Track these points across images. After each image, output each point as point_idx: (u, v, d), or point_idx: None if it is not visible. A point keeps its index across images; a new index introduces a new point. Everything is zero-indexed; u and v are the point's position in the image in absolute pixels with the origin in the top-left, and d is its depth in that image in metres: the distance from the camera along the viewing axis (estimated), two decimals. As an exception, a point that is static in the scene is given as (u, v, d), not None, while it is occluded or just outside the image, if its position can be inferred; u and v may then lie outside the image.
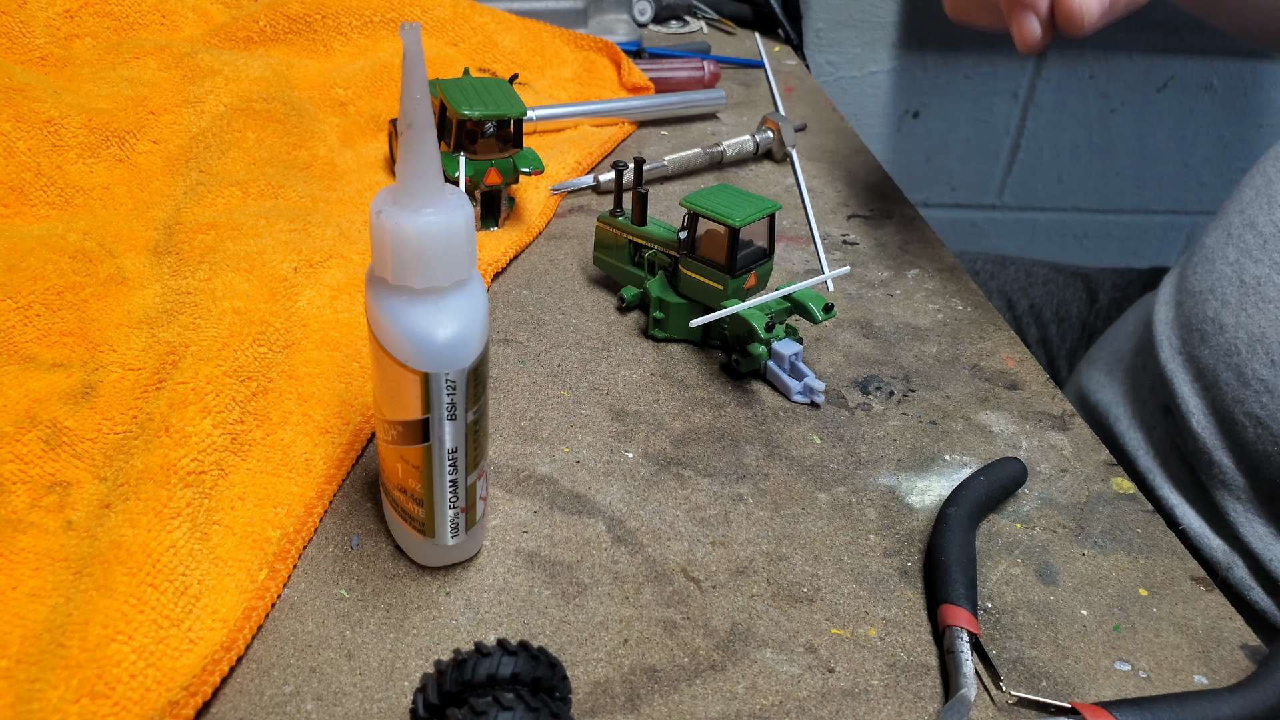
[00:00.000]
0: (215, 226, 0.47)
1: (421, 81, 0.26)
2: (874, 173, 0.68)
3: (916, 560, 0.36)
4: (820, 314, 0.43)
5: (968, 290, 0.54)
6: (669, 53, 0.83)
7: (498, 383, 0.44)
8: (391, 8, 0.72)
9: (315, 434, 0.38)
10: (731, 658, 0.32)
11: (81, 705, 0.27)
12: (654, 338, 0.48)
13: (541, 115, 0.67)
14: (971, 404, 0.45)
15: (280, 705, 0.29)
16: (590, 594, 0.34)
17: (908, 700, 0.31)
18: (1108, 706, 0.30)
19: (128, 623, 0.29)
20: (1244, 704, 0.30)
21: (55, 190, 0.50)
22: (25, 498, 0.34)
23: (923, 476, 0.40)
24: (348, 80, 0.66)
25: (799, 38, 0.95)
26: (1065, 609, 0.35)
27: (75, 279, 0.43)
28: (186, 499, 0.33)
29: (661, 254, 0.48)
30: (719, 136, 0.71)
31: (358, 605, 0.33)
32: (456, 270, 0.29)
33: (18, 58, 0.59)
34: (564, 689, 0.28)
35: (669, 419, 0.43)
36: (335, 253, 0.48)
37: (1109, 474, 0.41)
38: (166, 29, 0.69)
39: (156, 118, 0.56)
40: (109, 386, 0.39)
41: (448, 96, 0.52)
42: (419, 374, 0.29)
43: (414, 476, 0.31)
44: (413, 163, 0.27)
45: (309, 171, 0.56)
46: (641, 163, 0.52)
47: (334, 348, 0.42)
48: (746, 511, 0.38)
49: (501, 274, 0.53)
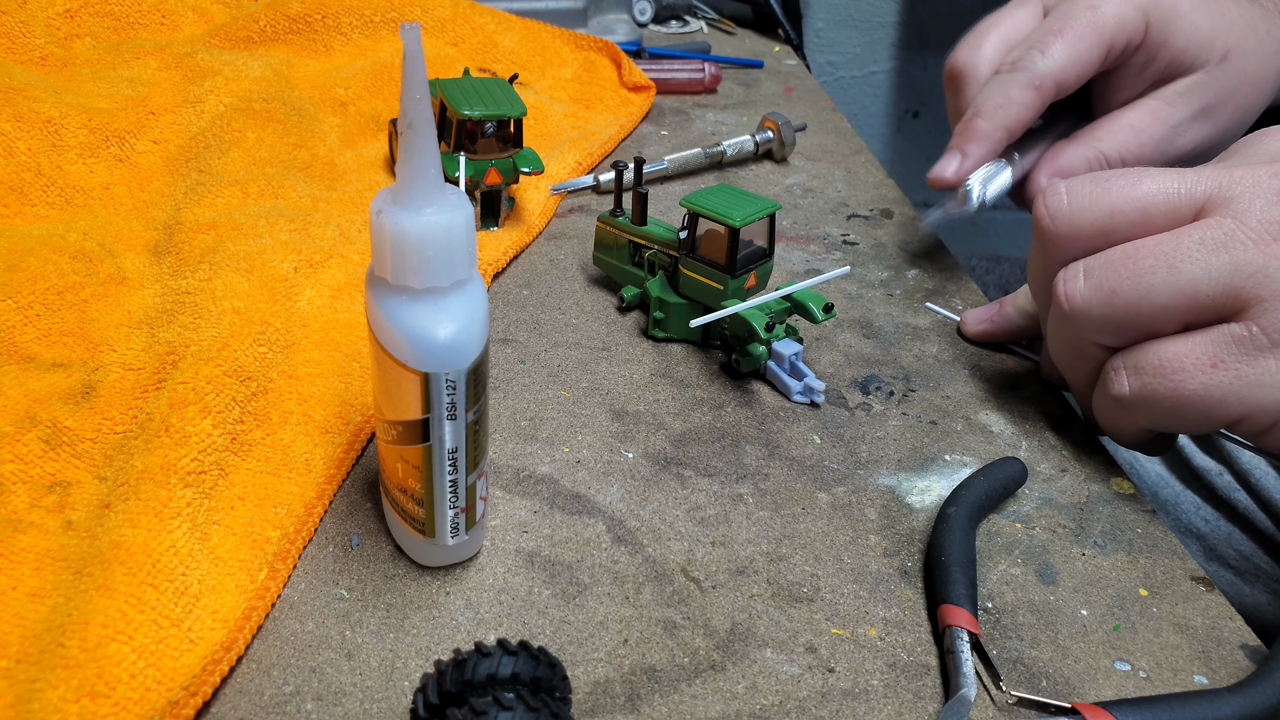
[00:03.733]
0: (215, 226, 0.47)
1: (421, 81, 0.26)
2: (874, 173, 0.68)
3: (916, 560, 0.36)
4: (820, 314, 0.43)
5: (968, 290, 0.54)
6: (669, 52, 0.83)
7: (498, 383, 0.44)
8: (391, 8, 0.72)
9: (315, 434, 0.38)
10: (731, 658, 0.32)
11: (81, 705, 0.27)
12: (654, 338, 0.48)
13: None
14: (971, 404, 0.45)
15: (280, 705, 0.29)
16: (590, 594, 0.34)
17: (908, 700, 0.31)
18: (1108, 706, 0.30)
19: (128, 623, 0.29)
20: (1244, 704, 0.30)
21: (55, 190, 0.50)
22: (25, 498, 0.34)
23: (923, 476, 0.40)
24: (348, 80, 0.66)
25: (799, 38, 0.95)
26: (1065, 609, 0.35)
27: (75, 279, 0.43)
28: (186, 499, 0.33)
29: (661, 254, 0.48)
30: (719, 136, 0.71)
31: (358, 605, 0.33)
32: (456, 270, 0.29)
33: (18, 58, 0.59)
34: (564, 689, 0.28)
35: (669, 419, 0.43)
36: (335, 253, 0.48)
37: (1109, 474, 0.41)
38: (166, 29, 0.69)
39: (156, 118, 0.56)
40: (109, 386, 0.39)
41: (448, 96, 0.52)
42: (419, 374, 0.29)
43: (414, 476, 0.31)
44: (413, 163, 0.27)
45: (309, 171, 0.56)
46: (641, 163, 0.52)
47: (334, 348, 0.42)
48: (746, 511, 0.38)
49: (501, 274, 0.53)
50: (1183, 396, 0.36)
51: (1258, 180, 0.35)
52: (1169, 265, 0.36)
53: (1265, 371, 0.34)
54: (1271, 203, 0.35)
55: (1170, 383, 0.36)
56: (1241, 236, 0.35)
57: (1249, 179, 0.36)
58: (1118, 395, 0.38)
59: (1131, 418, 0.38)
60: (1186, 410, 0.36)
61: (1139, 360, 0.37)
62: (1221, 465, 0.61)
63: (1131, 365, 0.38)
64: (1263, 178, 0.35)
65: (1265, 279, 0.34)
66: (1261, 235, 0.34)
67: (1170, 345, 0.36)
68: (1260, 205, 0.35)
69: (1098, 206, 0.38)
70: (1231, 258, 0.34)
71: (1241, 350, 0.34)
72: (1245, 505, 0.59)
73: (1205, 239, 0.35)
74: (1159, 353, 0.36)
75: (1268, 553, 0.58)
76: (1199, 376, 0.35)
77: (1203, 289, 0.35)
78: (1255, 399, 0.34)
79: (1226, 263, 0.35)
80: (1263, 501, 0.58)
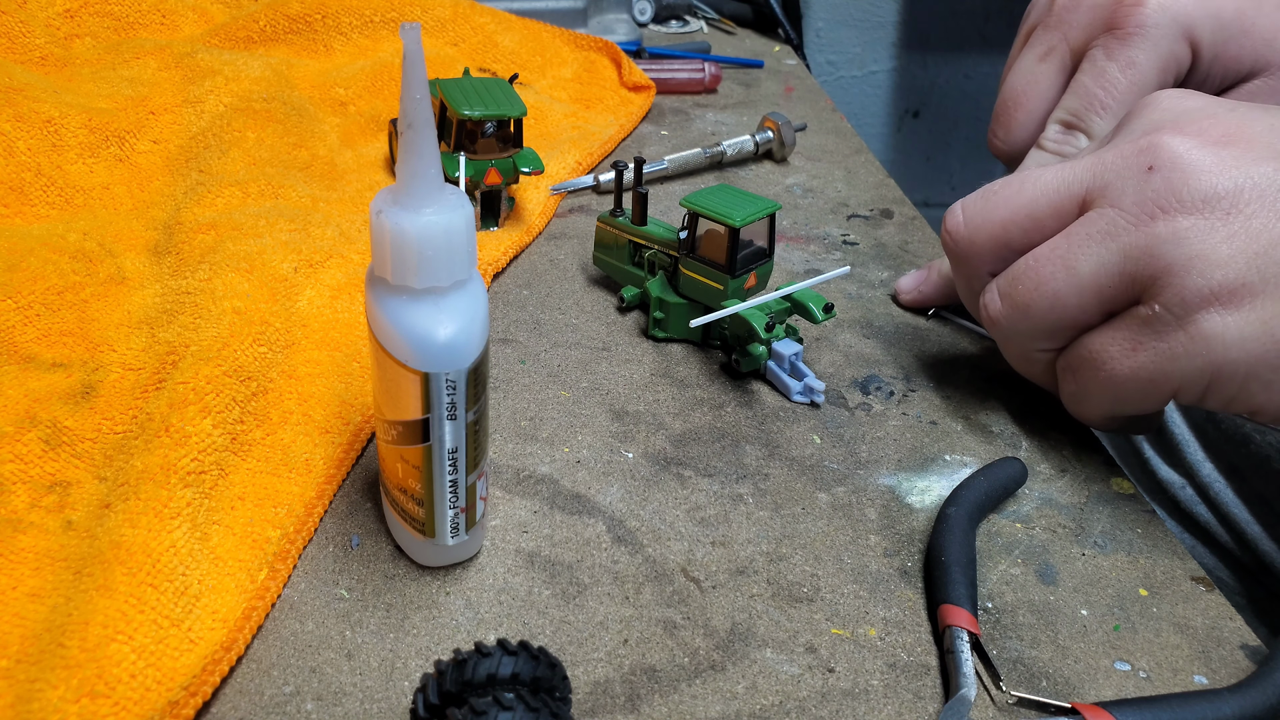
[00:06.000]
0: (215, 226, 0.47)
1: (421, 81, 0.26)
2: (874, 173, 0.68)
3: (916, 560, 0.36)
4: (820, 314, 0.43)
5: (968, 290, 0.54)
6: (669, 52, 0.83)
7: (498, 383, 0.44)
8: (391, 8, 0.72)
9: (315, 434, 0.38)
10: (731, 658, 0.32)
11: (81, 705, 0.27)
12: (654, 338, 0.48)
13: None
14: (971, 404, 0.45)
15: (280, 705, 0.29)
16: (590, 594, 0.34)
17: (908, 700, 0.31)
18: (1108, 706, 0.30)
19: (128, 623, 0.29)
20: (1244, 704, 0.30)
21: (55, 190, 0.50)
22: (25, 498, 0.34)
23: (923, 476, 0.40)
24: (348, 80, 0.66)
25: (799, 38, 0.95)
26: (1065, 609, 0.35)
27: (75, 279, 0.43)
28: (186, 499, 0.33)
29: (661, 254, 0.48)
30: (719, 136, 0.71)
31: (358, 605, 0.33)
32: (456, 270, 0.29)
33: (18, 58, 0.59)
34: (564, 689, 0.28)
35: (669, 419, 0.43)
36: (335, 253, 0.48)
37: (1109, 474, 0.41)
38: (166, 29, 0.69)
39: (156, 118, 0.56)
40: (109, 386, 0.39)
41: (448, 96, 0.52)
42: (419, 374, 0.29)
43: (414, 476, 0.31)
44: (413, 163, 0.27)
45: (309, 171, 0.56)
46: (641, 163, 0.52)
47: (334, 348, 0.42)
48: (746, 511, 0.38)
49: (501, 274, 0.53)
50: (1118, 383, 0.37)
51: (1126, 162, 0.36)
52: (1066, 269, 0.36)
53: (1179, 343, 0.34)
54: (1142, 182, 0.35)
55: (1102, 373, 0.37)
56: (1122, 222, 0.35)
57: (1119, 162, 0.36)
58: (1068, 392, 0.40)
59: (1090, 408, 0.39)
60: (1127, 394, 0.37)
61: (1072, 358, 0.39)
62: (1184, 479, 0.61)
63: (1067, 364, 0.39)
64: (1130, 157, 0.36)
65: (1153, 258, 0.34)
66: (1139, 216, 0.35)
67: (1094, 339, 0.37)
68: (1132, 186, 0.35)
69: (990, 221, 0.39)
70: (1118, 244, 0.35)
71: (1152, 330, 0.35)
72: (1206, 519, 0.59)
73: (1091, 233, 0.36)
74: (1087, 347, 0.38)
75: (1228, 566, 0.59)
76: (1125, 361, 0.36)
77: (1103, 281, 0.36)
78: (1179, 371, 0.35)
79: (1114, 251, 0.35)
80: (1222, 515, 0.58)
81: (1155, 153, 0.35)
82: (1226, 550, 0.59)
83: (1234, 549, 0.58)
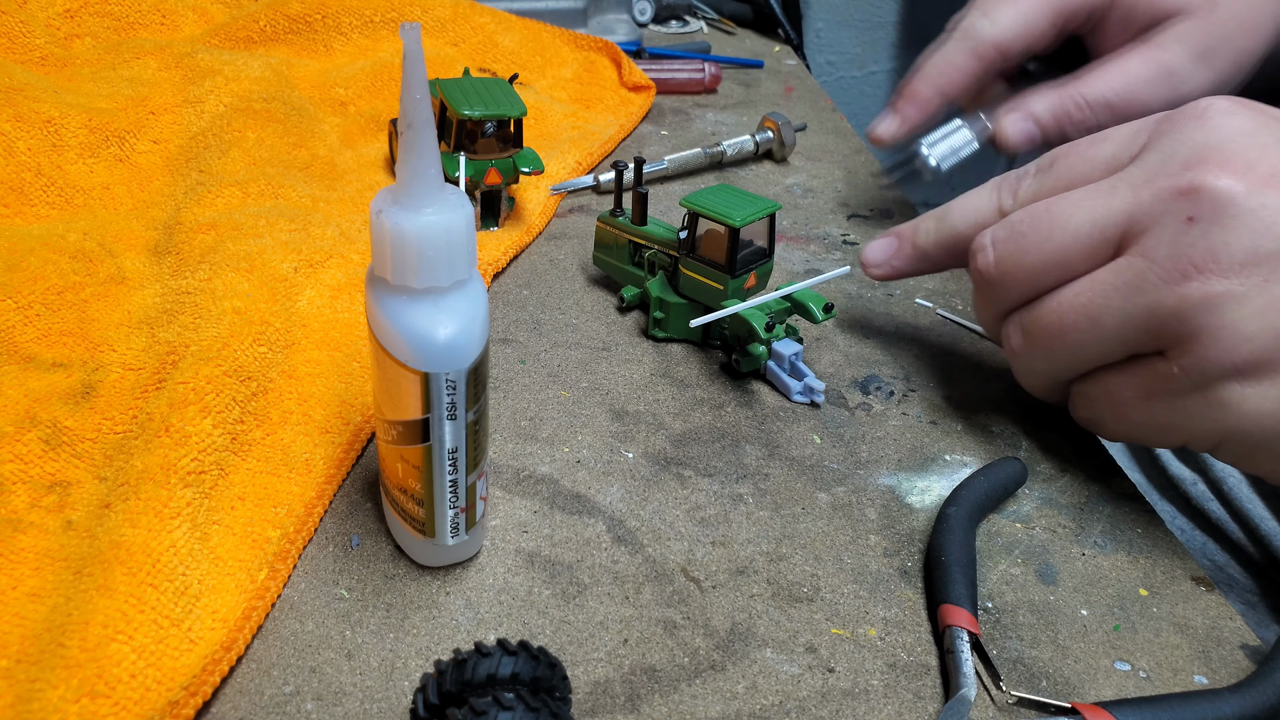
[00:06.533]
0: (215, 226, 0.47)
1: (421, 81, 0.26)
2: (874, 173, 0.68)
3: (916, 560, 0.36)
4: (820, 314, 0.43)
5: (968, 289, 0.54)
6: (669, 52, 0.83)
7: (498, 383, 0.44)
8: (391, 8, 0.72)
9: (315, 434, 0.38)
10: (731, 658, 0.32)
11: (81, 705, 0.27)
12: (654, 338, 0.48)
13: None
14: (971, 404, 0.45)
15: (280, 705, 0.29)
16: (590, 594, 0.34)
17: (908, 700, 0.31)
18: (1108, 706, 0.30)
19: (128, 622, 0.29)
20: (1244, 704, 0.30)
21: (55, 190, 0.50)
22: (25, 498, 0.34)
23: (923, 476, 0.40)
24: (348, 80, 0.66)
25: (799, 38, 0.95)
26: (1065, 609, 0.35)
27: (75, 279, 0.43)
28: (186, 499, 0.33)
29: (661, 254, 0.48)
30: (719, 136, 0.71)
31: (358, 605, 0.33)
32: (456, 270, 0.29)
33: (18, 58, 0.59)
34: (564, 689, 0.28)
35: (669, 419, 0.43)
36: (335, 253, 0.48)
37: (1109, 474, 0.41)
38: (166, 29, 0.69)
39: (156, 118, 0.56)
40: (109, 386, 0.39)
41: (448, 96, 0.52)
42: (419, 374, 0.29)
43: (414, 476, 0.31)
44: (413, 163, 0.27)
45: (309, 171, 0.56)
46: (641, 163, 0.52)
47: (334, 348, 0.42)
48: (746, 511, 0.38)
49: (501, 274, 0.53)
50: (1132, 424, 0.37)
51: (1165, 207, 0.34)
52: (1090, 320, 0.36)
53: (1194, 405, 0.34)
54: (1179, 234, 0.33)
55: (1116, 413, 0.38)
56: (1152, 278, 0.34)
57: (1158, 207, 0.34)
58: (1083, 417, 0.40)
59: (1104, 433, 0.40)
60: (1140, 433, 0.37)
61: (1090, 390, 0.39)
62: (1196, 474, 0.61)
63: (1084, 396, 0.39)
64: (1169, 201, 0.34)
65: (1180, 321, 0.33)
66: (1171, 274, 0.33)
67: (1112, 378, 0.37)
68: (1169, 238, 0.34)
69: (1020, 267, 0.39)
70: (1146, 301, 0.34)
71: (1169, 386, 0.35)
72: (1218, 515, 0.59)
73: (1119, 285, 0.35)
74: (1105, 383, 0.38)
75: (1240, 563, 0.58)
76: (1139, 407, 0.37)
77: (1127, 334, 0.35)
78: (1191, 427, 0.35)
79: (1141, 307, 0.34)
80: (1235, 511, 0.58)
81: (1197, 200, 0.33)
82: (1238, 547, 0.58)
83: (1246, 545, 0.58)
